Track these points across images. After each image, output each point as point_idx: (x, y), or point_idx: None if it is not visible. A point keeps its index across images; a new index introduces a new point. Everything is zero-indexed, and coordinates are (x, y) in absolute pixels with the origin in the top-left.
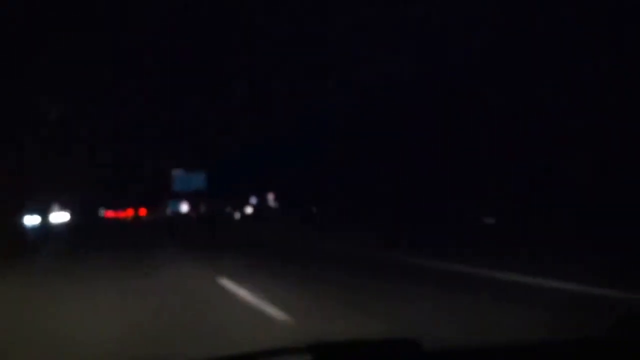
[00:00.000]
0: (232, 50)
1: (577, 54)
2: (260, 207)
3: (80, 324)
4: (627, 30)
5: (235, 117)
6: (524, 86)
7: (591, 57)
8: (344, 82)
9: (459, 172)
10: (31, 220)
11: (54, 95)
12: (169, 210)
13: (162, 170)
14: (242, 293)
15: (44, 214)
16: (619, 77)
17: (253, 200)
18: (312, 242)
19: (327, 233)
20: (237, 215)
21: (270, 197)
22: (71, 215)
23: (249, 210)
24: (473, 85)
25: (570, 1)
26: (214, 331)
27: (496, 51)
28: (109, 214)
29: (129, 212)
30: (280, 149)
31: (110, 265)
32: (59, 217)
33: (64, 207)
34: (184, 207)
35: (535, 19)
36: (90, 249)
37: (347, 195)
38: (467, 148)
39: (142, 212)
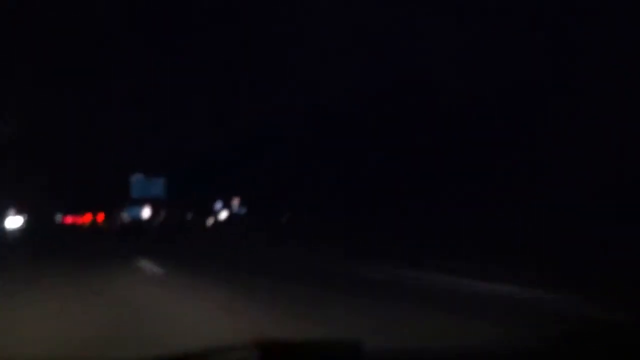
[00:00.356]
0: (194, 51)
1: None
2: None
3: None
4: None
5: (196, 120)
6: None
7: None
8: (310, 85)
9: (435, 174)
10: None
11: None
12: (126, 217)
13: (121, 175)
14: None
15: (0, 218)
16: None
17: (218, 205)
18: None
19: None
20: (210, 222)
21: (235, 202)
22: (26, 220)
23: (223, 215)
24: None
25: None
26: None
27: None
28: (68, 219)
29: (87, 218)
30: (244, 152)
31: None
32: (14, 222)
33: (20, 211)
34: (145, 213)
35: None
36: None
37: (317, 200)
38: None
39: (100, 217)
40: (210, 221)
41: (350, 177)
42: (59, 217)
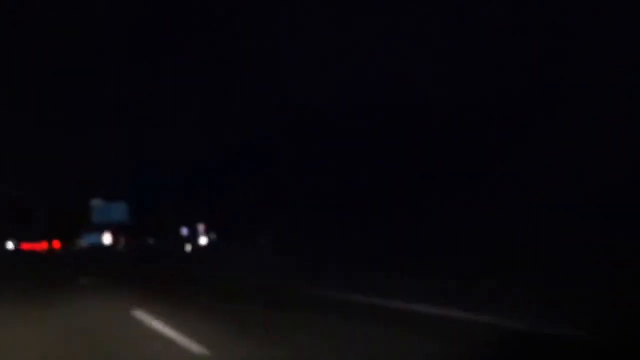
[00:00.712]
0: (151, 67)
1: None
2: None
3: None
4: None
5: (160, 142)
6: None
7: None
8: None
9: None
10: None
11: None
12: (84, 243)
13: (81, 200)
14: None
15: None
16: None
17: (184, 231)
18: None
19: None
20: (188, 248)
21: (201, 228)
22: None
23: (203, 241)
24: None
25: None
26: None
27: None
28: (25, 246)
29: (43, 245)
30: (214, 174)
31: None
32: None
33: None
34: (107, 239)
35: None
36: None
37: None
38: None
39: (56, 245)
40: (188, 248)
41: (337, 189)
42: (10, 245)
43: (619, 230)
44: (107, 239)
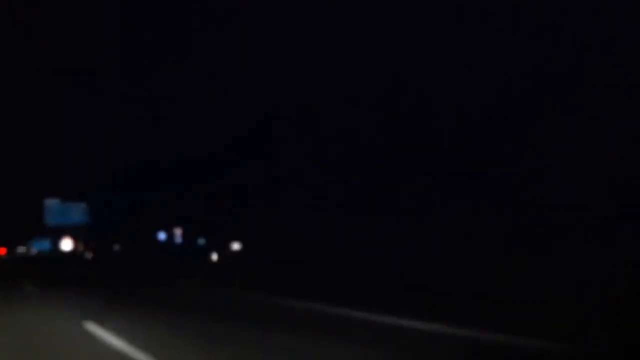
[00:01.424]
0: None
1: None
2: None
3: None
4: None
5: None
6: None
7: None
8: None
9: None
10: None
11: None
12: (33, 250)
13: (32, 200)
14: None
15: None
16: None
17: (162, 235)
18: None
19: None
20: (214, 257)
21: (178, 232)
22: None
23: (235, 246)
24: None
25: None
26: None
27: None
28: None
29: None
30: (184, 172)
31: None
32: None
33: None
34: (67, 245)
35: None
36: None
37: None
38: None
39: (2, 251)
40: (214, 256)
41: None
42: None
43: (620, 230)
44: (66, 244)
